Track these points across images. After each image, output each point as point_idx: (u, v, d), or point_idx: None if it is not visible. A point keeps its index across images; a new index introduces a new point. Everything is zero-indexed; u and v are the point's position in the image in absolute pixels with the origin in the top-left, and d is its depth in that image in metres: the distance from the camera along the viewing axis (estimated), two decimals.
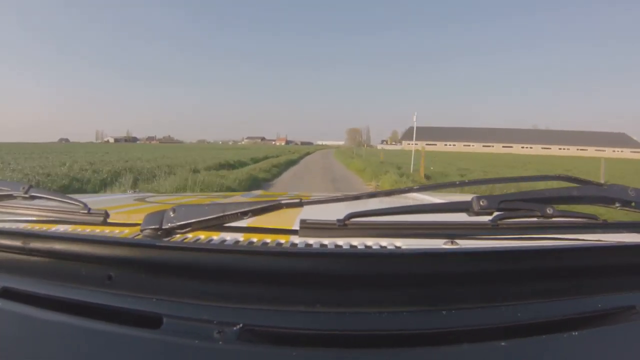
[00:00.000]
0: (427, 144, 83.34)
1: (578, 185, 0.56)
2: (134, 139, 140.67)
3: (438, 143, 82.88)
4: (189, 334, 0.39)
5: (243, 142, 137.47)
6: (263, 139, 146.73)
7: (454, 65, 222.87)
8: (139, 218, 0.60)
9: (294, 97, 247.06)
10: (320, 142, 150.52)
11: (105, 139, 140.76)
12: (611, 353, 0.38)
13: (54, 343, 0.39)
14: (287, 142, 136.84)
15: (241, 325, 0.39)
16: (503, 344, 0.37)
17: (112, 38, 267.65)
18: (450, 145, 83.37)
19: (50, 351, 0.38)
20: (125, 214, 0.85)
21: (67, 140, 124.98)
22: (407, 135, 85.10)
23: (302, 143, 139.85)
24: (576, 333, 0.39)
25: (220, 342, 0.38)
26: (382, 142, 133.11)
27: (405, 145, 77.82)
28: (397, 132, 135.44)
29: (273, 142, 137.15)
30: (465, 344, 0.37)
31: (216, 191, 6.75)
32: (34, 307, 0.44)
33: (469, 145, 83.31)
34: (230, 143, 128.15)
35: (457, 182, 0.62)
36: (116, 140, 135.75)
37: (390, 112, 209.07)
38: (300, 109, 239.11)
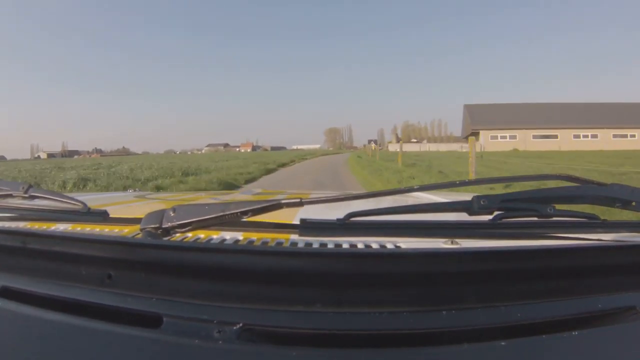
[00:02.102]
0: (537, 136, 40.46)
1: (578, 184, 0.56)
2: (72, 153, 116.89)
3: (559, 133, 40.83)
4: (189, 333, 0.39)
5: (204, 151, 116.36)
6: (227, 145, 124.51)
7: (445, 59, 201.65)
8: (138, 217, 0.60)
9: (263, 100, 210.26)
10: (295, 147, 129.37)
11: (36, 155, 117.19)
12: (611, 353, 0.38)
13: (53, 343, 0.39)
14: (254, 148, 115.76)
15: (241, 324, 0.39)
16: (503, 344, 0.37)
17: (43, 42, 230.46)
18: (549, 136, 41.28)
19: (50, 351, 0.38)
20: (124, 212, 0.84)
21: (3, 157, 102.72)
22: (480, 118, 43.74)
23: (273, 148, 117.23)
24: (576, 333, 0.39)
25: (220, 342, 0.38)
26: (370, 141, 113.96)
27: (488, 140, 40.97)
28: (383, 131, 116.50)
29: (237, 149, 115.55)
30: (465, 344, 0.37)
31: None
32: (33, 307, 0.44)
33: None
34: (189, 153, 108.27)
35: (458, 182, 0.62)
36: (50, 155, 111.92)
37: (374, 110, 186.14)
38: (271, 111, 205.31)
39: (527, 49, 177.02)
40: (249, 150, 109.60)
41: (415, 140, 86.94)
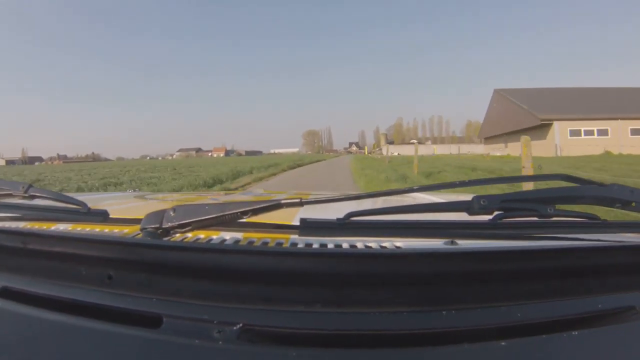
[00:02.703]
0: (637, 131, 23.82)
1: (578, 184, 0.57)
2: (33, 160, 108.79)
3: None
4: (189, 333, 0.39)
5: (175, 156, 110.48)
6: (199, 150, 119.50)
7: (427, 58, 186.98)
8: (139, 217, 0.61)
9: (240, 103, 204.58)
10: (273, 151, 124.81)
11: None
12: (611, 353, 0.38)
13: (54, 343, 0.39)
14: (228, 153, 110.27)
15: (241, 325, 0.40)
16: (503, 344, 0.37)
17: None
18: None
19: (50, 351, 0.38)
20: (125, 212, 0.84)
21: None
22: (548, 105, 26.27)
23: (248, 153, 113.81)
24: (576, 333, 0.39)
25: (220, 342, 0.38)
26: (351, 144, 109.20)
27: (567, 138, 25.01)
28: (364, 133, 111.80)
29: (209, 154, 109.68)
30: (465, 344, 0.37)
31: None
32: (34, 307, 0.44)
33: None
34: (160, 159, 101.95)
35: (458, 182, 0.61)
36: (9, 162, 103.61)
37: (354, 112, 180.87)
38: (249, 114, 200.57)
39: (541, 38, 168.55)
40: (222, 155, 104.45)
41: (414, 142, 69.45)
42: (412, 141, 73.71)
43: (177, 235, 0.59)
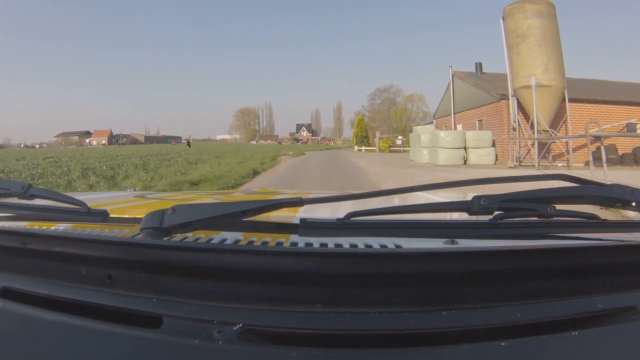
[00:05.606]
0: None
1: (578, 184, 0.57)
2: None
3: None
4: (189, 333, 0.39)
5: (52, 141, 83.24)
6: (86, 133, 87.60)
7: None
8: (139, 217, 0.61)
9: (151, 77, 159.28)
10: (219, 137, 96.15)
11: None
12: (611, 353, 0.38)
13: (54, 343, 0.39)
14: (112, 140, 79.74)
15: (241, 325, 0.40)
16: (503, 344, 0.37)
17: None
18: None
19: (50, 351, 0.38)
20: (125, 212, 0.85)
21: None
22: None
23: (149, 139, 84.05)
24: (576, 333, 0.39)
25: (220, 342, 0.38)
26: (301, 128, 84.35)
27: None
28: (319, 112, 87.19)
29: (87, 142, 79.17)
30: (465, 344, 0.37)
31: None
32: (34, 307, 0.44)
33: None
34: (37, 147, 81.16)
35: (457, 182, 0.62)
36: None
37: (303, 86, 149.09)
38: (167, 91, 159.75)
39: None
40: (103, 142, 74.55)
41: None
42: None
43: (177, 235, 0.58)
